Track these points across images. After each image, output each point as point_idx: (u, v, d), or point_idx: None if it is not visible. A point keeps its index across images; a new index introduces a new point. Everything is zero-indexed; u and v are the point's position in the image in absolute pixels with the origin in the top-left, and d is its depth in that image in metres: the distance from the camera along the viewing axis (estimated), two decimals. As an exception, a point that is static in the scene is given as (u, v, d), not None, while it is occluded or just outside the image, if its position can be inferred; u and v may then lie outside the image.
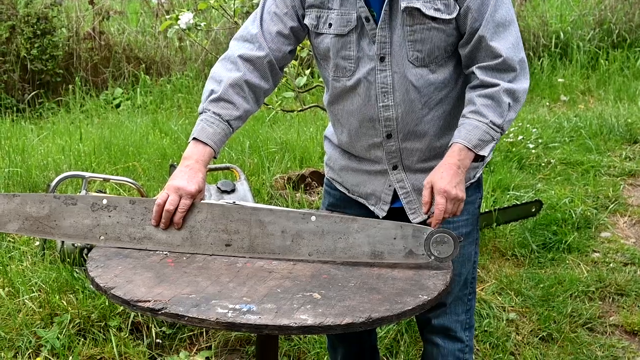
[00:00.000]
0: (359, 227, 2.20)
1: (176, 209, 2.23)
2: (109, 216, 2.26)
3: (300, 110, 5.13)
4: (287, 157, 5.83)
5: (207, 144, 2.31)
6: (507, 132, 6.34)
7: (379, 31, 2.31)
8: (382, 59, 2.33)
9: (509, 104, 2.30)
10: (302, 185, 5.28)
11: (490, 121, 2.28)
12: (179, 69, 9.51)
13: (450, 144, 2.31)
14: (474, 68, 2.32)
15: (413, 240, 2.18)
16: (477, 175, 2.57)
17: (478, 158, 2.32)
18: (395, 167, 2.48)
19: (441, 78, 2.37)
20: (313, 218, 2.21)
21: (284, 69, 2.54)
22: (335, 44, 2.38)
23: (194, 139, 2.33)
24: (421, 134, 2.43)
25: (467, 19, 2.28)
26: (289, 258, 2.21)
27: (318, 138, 6.39)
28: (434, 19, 2.27)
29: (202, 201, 2.27)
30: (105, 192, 4.51)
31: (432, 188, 2.26)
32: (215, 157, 2.35)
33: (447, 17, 2.27)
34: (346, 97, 2.45)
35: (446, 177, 2.24)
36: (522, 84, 2.33)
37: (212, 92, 2.36)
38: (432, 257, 2.17)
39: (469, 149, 2.27)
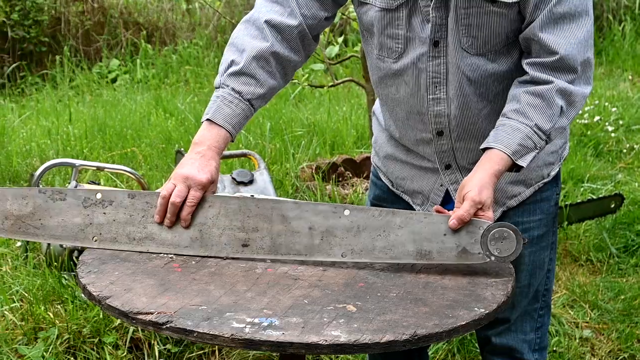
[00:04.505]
0: (402, 222, 2.19)
1: (184, 202, 2.24)
2: (104, 213, 2.27)
3: (331, 86, 5.14)
4: (315, 142, 5.84)
5: (223, 127, 2.32)
6: (581, 112, 6.30)
7: (433, 11, 2.28)
8: (436, 44, 2.31)
9: (562, 107, 2.25)
10: (334, 176, 5.29)
11: (535, 124, 2.23)
12: (186, 36, 9.55)
13: (483, 146, 2.26)
14: (524, 63, 2.29)
15: (467, 237, 2.17)
16: (553, 173, 2.55)
17: (512, 168, 2.26)
18: (448, 167, 2.47)
19: (503, 68, 2.34)
20: (346, 212, 2.21)
21: (319, 38, 2.53)
22: (381, 18, 2.35)
23: (207, 120, 2.33)
24: (479, 132, 2.40)
25: (529, 3, 2.24)
26: (318, 260, 2.22)
27: (353, 119, 6.39)
28: (493, 1, 2.24)
29: (214, 194, 2.28)
30: (99, 184, 4.54)
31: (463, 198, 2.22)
32: (231, 141, 2.35)
33: (509, 0, 2.25)
34: (391, 82, 2.43)
35: (487, 194, 2.18)
36: (582, 89, 2.28)
37: (232, 63, 2.35)
38: (492, 257, 2.16)
39: (508, 155, 2.22)
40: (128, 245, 2.25)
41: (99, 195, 2.27)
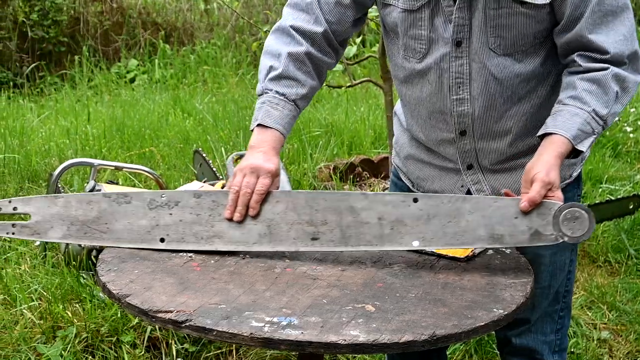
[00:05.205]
0: (472, 207, 2.20)
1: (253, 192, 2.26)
2: (170, 214, 2.28)
3: (349, 86, 5.12)
4: (333, 142, 5.83)
5: (275, 129, 2.34)
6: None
7: (457, 12, 2.28)
8: (458, 44, 2.32)
9: (617, 92, 2.25)
10: (351, 176, 5.28)
11: (593, 110, 2.23)
12: (204, 36, 9.57)
13: (541, 132, 2.26)
14: (574, 56, 2.28)
15: (539, 219, 2.17)
16: (575, 174, 2.55)
17: (570, 154, 2.26)
18: (470, 167, 2.47)
19: (530, 68, 2.34)
20: (415, 201, 2.23)
21: (346, 43, 2.55)
22: (404, 19, 2.36)
23: (258, 125, 2.35)
24: (502, 133, 2.41)
25: (567, 3, 2.23)
26: (389, 249, 2.24)
27: (370, 119, 6.39)
28: (522, 3, 2.23)
29: (279, 190, 2.30)
30: (117, 183, 4.55)
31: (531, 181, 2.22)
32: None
33: (541, 1, 2.25)
34: (415, 82, 2.44)
35: (554, 175, 2.19)
36: (634, 76, 2.29)
37: (271, 69, 2.39)
38: (565, 237, 2.16)
39: (568, 140, 2.21)
40: (195, 245, 2.25)
41: (164, 197, 2.28)
